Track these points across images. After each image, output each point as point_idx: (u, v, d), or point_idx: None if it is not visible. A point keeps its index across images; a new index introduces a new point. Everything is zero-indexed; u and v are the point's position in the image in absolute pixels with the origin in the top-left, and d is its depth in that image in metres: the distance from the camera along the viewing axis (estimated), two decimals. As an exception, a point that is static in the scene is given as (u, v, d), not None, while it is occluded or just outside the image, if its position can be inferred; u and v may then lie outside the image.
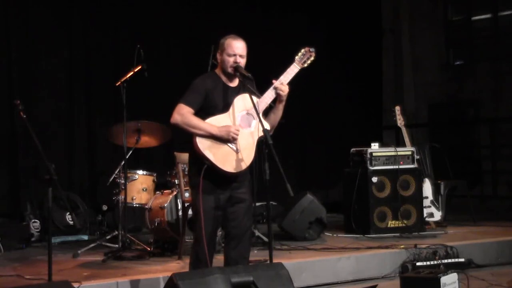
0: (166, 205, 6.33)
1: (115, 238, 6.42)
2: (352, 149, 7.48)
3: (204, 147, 4.35)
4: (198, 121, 4.38)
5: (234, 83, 4.55)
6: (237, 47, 4.46)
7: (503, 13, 10.59)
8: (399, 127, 7.57)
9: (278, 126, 4.62)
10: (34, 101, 7.64)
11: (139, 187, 6.81)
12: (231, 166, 4.37)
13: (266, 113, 4.52)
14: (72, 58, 8.03)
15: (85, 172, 8.10)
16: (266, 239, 6.39)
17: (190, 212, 5.68)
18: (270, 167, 4.23)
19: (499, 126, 10.27)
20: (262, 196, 5.49)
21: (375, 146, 7.30)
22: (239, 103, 4.46)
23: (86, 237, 7.35)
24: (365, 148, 7.28)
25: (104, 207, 7.61)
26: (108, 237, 6.59)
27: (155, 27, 8.45)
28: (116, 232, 6.41)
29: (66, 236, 7.27)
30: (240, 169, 4.39)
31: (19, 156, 7.58)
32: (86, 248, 6.31)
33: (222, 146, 4.37)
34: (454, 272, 5.01)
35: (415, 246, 6.19)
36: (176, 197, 6.36)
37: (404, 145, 7.46)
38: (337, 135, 9.75)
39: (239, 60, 4.46)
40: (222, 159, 4.36)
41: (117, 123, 6.68)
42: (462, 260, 6.12)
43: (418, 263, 5.91)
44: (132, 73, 6.35)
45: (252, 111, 4.40)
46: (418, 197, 7.29)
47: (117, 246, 6.28)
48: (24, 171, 7.57)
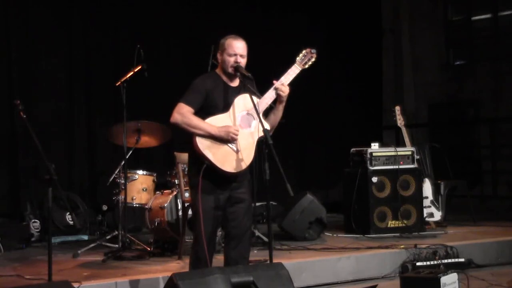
0: (166, 205, 6.33)
1: (115, 238, 6.42)
2: (352, 149, 7.48)
3: (204, 147, 4.35)
4: (198, 120, 4.38)
5: (235, 83, 4.54)
6: (237, 47, 4.46)
7: (503, 13, 10.59)
8: (399, 127, 7.57)
9: (278, 126, 4.61)
10: (34, 101, 7.64)
11: (139, 187, 6.81)
12: (231, 166, 4.37)
13: (266, 113, 4.51)
14: (72, 58, 8.03)
15: (85, 172, 8.10)
16: (266, 239, 6.39)
17: (190, 212, 5.67)
18: (270, 167, 4.22)
19: (499, 126, 10.27)
20: (262, 196, 5.48)
21: (375, 146, 7.30)
22: (240, 103, 4.45)
23: (86, 237, 7.35)
24: (365, 148, 7.28)
25: (104, 207, 7.61)
26: (108, 237, 6.59)
27: (155, 27, 8.46)
28: (116, 232, 6.41)
29: (66, 236, 7.27)
30: (239, 169, 4.38)
31: (19, 156, 7.58)
32: (86, 248, 6.31)
33: (222, 146, 4.37)
34: (454, 272, 5.01)
35: (415, 246, 6.19)
36: (176, 197, 6.36)
37: (404, 145, 7.46)
38: (337, 135, 9.75)
39: (240, 60, 4.46)
40: (222, 159, 4.35)
41: (117, 123, 6.68)
42: (462, 260, 6.12)
43: (418, 263, 5.91)
44: (132, 73, 6.35)
45: (252, 111, 4.39)
46: (418, 197, 7.28)
47: (117, 246, 6.28)
48: (24, 171, 7.57)
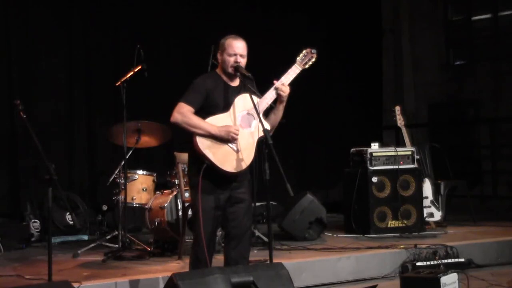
0: (166, 205, 6.33)
1: (115, 238, 6.42)
2: (352, 149, 7.48)
3: (204, 146, 4.34)
4: (198, 120, 4.37)
5: (235, 82, 4.54)
6: (237, 47, 4.46)
7: (503, 13, 10.59)
8: (399, 127, 7.57)
9: (278, 126, 4.61)
10: (34, 101, 7.64)
11: (139, 187, 6.81)
12: (231, 166, 4.37)
13: (266, 113, 4.51)
14: (72, 58, 8.03)
15: (85, 172, 8.10)
16: (266, 239, 6.39)
17: (190, 212, 5.67)
18: (270, 167, 4.22)
19: (499, 126, 10.27)
20: (262, 196, 5.48)
21: (375, 146, 7.30)
22: (240, 103, 4.45)
23: (86, 237, 7.34)
24: (365, 148, 7.28)
25: (104, 207, 7.60)
26: (108, 237, 6.59)
27: (155, 27, 8.46)
28: (116, 232, 6.41)
29: (66, 236, 7.27)
30: (240, 169, 4.38)
31: (19, 156, 7.57)
32: (86, 248, 6.31)
33: (222, 146, 4.37)
34: (454, 272, 5.01)
35: (415, 246, 6.19)
36: (176, 197, 6.36)
37: (404, 145, 7.46)
38: (337, 135, 9.75)
39: (240, 60, 4.46)
40: (222, 159, 4.35)
41: (117, 123, 6.68)
42: (462, 260, 6.12)
43: (418, 263, 5.91)
44: (132, 73, 6.35)
45: (253, 111, 4.39)
46: (418, 197, 7.28)
47: (117, 246, 6.28)
48: (24, 171, 7.57)
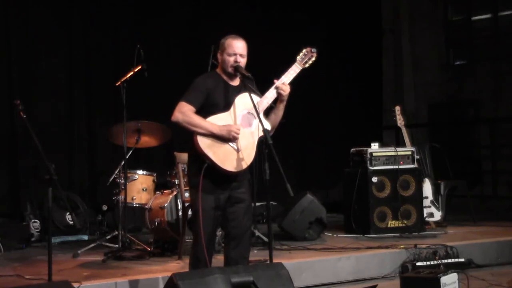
0: (166, 205, 6.33)
1: (115, 238, 6.42)
2: (352, 149, 7.48)
3: (205, 145, 4.34)
4: (199, 119, 4.37)
5: (236, 82, 4.54)
6: (237, 47, 4.46)
7: (503, 13, 10.59)
8: (399, 127, 7.56)
9: (279, 126, 4.61)
10: (34, 101, 7.63)
11: (139, 187, 6.81)
12: (232, 165, 4.36)
13: (267, 113, 4.51)
14: (72, 58, 8.03)
15: (85, 172, 8.10)
16: (266, 239, 6.39)
17: (190, 212, 5.67)
18: (270, 167, 4.22)
19: (499, 126, 10.26)
20: (262, 196, 5.49)
21: (375, 146, 7.30)
22: (240, 102, 4.45)
23: (86, 237, 7.34)
24: (365, 148, 7.28)
25: (104, 207, 7.60)
26: (108, 237, 6.59)
27: (155, 27, 8.46)
28: (116, 232, 6.40)
29: (66, 236, 7.27)
30: (240, 168, 4.38)
31: (19, 156, 7.57)
32: (86, 248, 6.30)
33: (223, 145, 4.36)
34: (454, 272, 5.01)
35: (415, 246, 6.19)
36: (176, 197, 6.36)
37: (404, 145, 7.46)
38: (337, 135, 9.74)
39: (240, 59, 4.46)
40: (223, 158, 4.35)
41: (117, 123, 6.68)
42: (462, 260, 6.12)
43: (418, 263, 5.91)
44: (132, 73, 6.35)
45: (253, 110, 4.39)
46: (418, 197, 7.28)
47: (117, 246, 6.28)
48: (24, 171, 7.57)
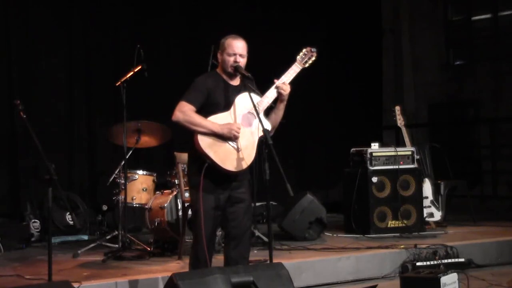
0: (166, 205, 6.33)
1: (115, 238, 6.42)
2: (352, 149, 7.48)
3: (205, 145, 4.34)
4: (199, 118, 4.37)
5: (236, 82, 4.54)
6: (237, 47, 4.46)
7: (503, 13, 10.59)
8: (399, 127, 7.56)
9: (279, 126, 4.61)
10: (34, 101, 7.63)
11: (139, 187, 6.81)
12: (232, 165, 4.36)
13: (267, 113, 4.50)
14: (72, 58, 8.02)
15: (85, 172, 8.10)
16: (266, 239, 6.39)
17: (190, 212, 5.67)
18: (270, 167, 4.22)
19: (499, 126, 10.27)
20: (262, 196, 5.48)
21: (375, 146, 7.30)
22: (241, 102, 4.45)
23: (86, 237, 7.34)
24: (365, 148, 7.28)
25: (104, 207, 7.60)
26: (108, 237, 6.59)
27: (155, 27, 8.46)
28: (116, 232, 6.40)
29: (66, 236, 7.27)
30: (240, 168, 4.38)
31: (19, 156, 7.57)
32: (86, 248, 6.30)
33: (223, 145, 4.36)
34: (454, 272, 5.01)
35: (415, 246, 6.19)
36: (176, 197, 6.36)
37: (404, 145, 7.46)
38: (337, 135, 9.74)
39: (239, 59, 4.46)
40: (223, 158, 4.35)
41: (117, 123, 6.68)
42: (462, 260, 6.12)
43: (418, 263, 5.91)
44: (132, 73, 6.35)
45: (253, 110, 4.39)
46: (418, 197, 7.28)
47: (117, 246, 6.28)
48: (24, 171, 7.57)
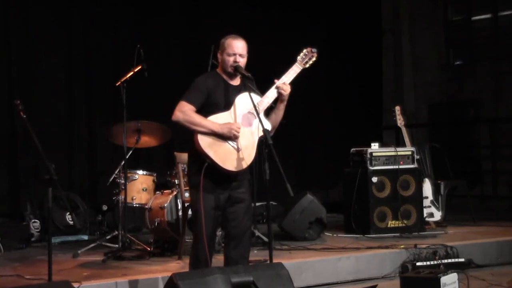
0: (166, 205, 6.33)
1: (115, 238, 6.42)
2: (352, 149, 7.48)
3: (205, 145, 4.34)
4: (200, 118, 4.38)
5: (236, 82, 4.54)
6: (237, 47, 4.47)
7: (503, 13, 10.59)
8: (399, 127, 7.56)
9: (279, 126, 4.61)
10: (34, 101, 7.63)
11: (139, 187, 6.81)
12: (232, 164, 4.36)
13: (267, 113, 4.51)
14: (72, 58, 8.02)
15: (85, 172, 8.10)
16: (266, 239, 6.39)
17: (190, 212, 5.67)
18: (270, 167, 4.22)
19: (499, 126, 10.27)
20: (262, 196, 5.48)
21: (375, 146, 7.30)
22: (241, 102, 4.45)
23: (86, 237, 7.34)
24: (365, 148, 7.28)
25: (104, 207, 7.60)
26: (108, 237, 6.59)
27: (155, 27, 8.46)
28: (116, 232, 6.40)
29: (66, 236, 7.27)
30: (240, 168, 4.38)
31: (19, 156, 7.57)
32: (86, 248, 6.30)
33: (223, 144, 4.37)
34: (454, 272, 5.01)
35: (415, 246, 6.19)
36: (176, 197, 6.36)
37: (404, 145, 7.46)
38: (337, 135, 9.74)
39: (239, 59, 4.46)
40: (223, 157, 4.35)
41: (117, 123, 6.68)
42: (462, 260, 6.12)
43: (418, 263, 5.91)
44: (132, 73, 6.35)
45: (253, 110, 4.39)
46: (418, 197, 7.28)
47: (117, 246, 6.28)
48: (24, 171, 7.57)
